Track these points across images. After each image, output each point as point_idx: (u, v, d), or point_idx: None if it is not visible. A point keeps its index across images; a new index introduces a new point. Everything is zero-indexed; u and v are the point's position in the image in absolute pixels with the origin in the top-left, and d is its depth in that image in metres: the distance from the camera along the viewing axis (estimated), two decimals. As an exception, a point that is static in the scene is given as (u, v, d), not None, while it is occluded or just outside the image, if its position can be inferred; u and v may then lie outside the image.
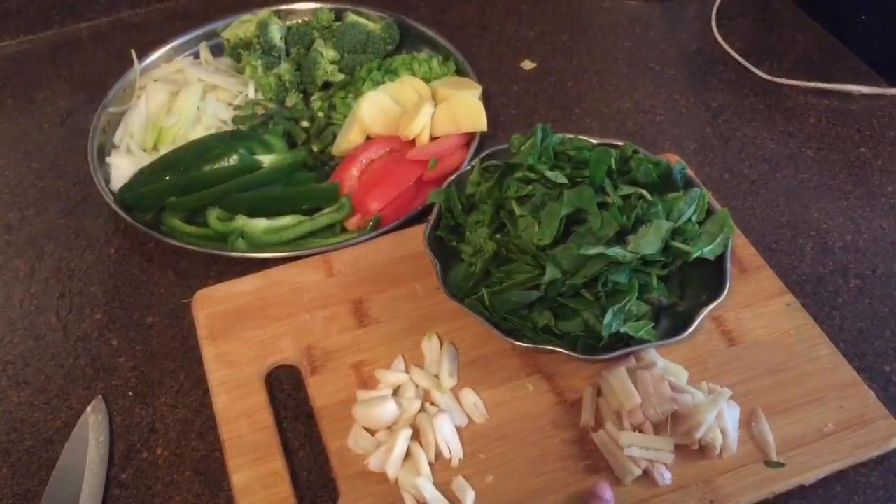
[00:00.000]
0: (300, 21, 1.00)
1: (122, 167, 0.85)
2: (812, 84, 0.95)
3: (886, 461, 0.63)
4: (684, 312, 0.65)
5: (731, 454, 0.61)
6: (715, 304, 0.64)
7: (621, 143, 0.71)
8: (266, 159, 0.83)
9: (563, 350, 0.62)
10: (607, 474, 0.61)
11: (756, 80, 0.97)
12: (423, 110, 0.84)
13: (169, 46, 0.98)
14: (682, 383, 0.64)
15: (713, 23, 1.04)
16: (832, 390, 0.65)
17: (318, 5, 1.02)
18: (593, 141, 0.73)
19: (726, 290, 0.64)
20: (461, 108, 0.85)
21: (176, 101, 0.90)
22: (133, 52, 0.97)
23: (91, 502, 0.62)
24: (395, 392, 0.65)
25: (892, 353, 0.70)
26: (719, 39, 1.02)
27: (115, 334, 0.74)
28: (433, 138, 0.85)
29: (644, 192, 0.66)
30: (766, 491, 0.60)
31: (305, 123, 0.90)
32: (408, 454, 0.62)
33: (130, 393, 0.70)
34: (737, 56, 0.99)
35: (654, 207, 0.65)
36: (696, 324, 0.62)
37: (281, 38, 0.96)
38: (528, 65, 1.00)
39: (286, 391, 0.68)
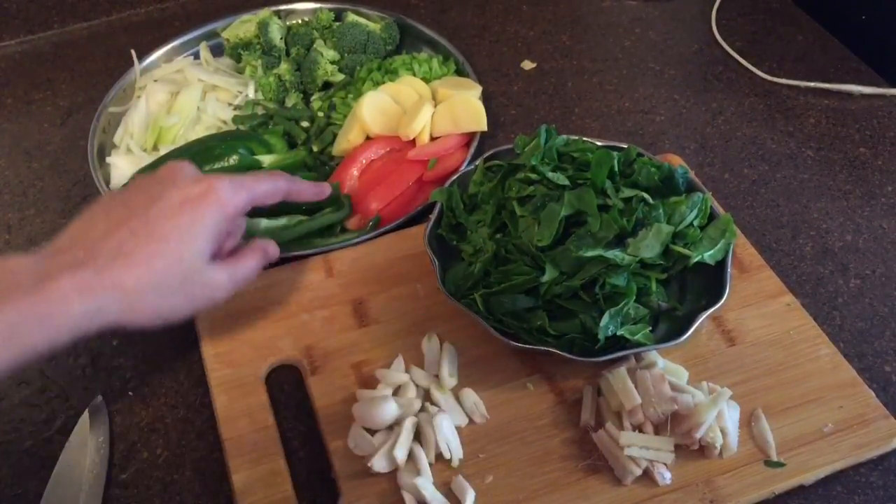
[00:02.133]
0: (300, 21, 1.01)
1: (122, 167, 0.85)
2: (812, 84, 0.95)
3: (886, 461, 0.63)
4: (683, 316, 0.65)
5: (731, 454, 0.61)
6: (712, 309, 0.64)
7: (625, 146, 0.71)
8: (266, 159, 0.83)
9: (558, 352, 0.62)
10: (607, 474, 0.61)
11: (756, 80, 0.97)
12: (423, 110, 0.84)
13: (169, 46, 0.98)
14: (683, 383, 0.64)
15: (713, 23, 1.04)
16: (832, 390, 0.65)
17: (318, 5, 1.02)
18: (598, 143, 0.73)
19: (725, 296, 0.65)
20: (461, 108, 0.85)
21: (176, 101, 0.90)
22: (133, 52, 0.97)
23: (91, 502, 0.62)
24: (396, 392, 0.65)
25: (892, 353, 0.70)
26: (719, 39, 1.02)
27: (115, 334, 0.74)
28: (433, 138, 0.85)
29: (645, 196, 0.66)
30: (766, 491, 0.60)
31: (305, 123, 0.90)
32: (408, 454, 0.62)
33: (130, 393, 0.70)
34: (737, 56, 0.99)
35: (656, 211, 0.65)
36: (692, 329, 0.63)
37: (281, 38, 0.96)
38: (528, 65, 1.00)
39: (286, 391, 0.68)
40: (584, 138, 0.73)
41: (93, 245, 0.55)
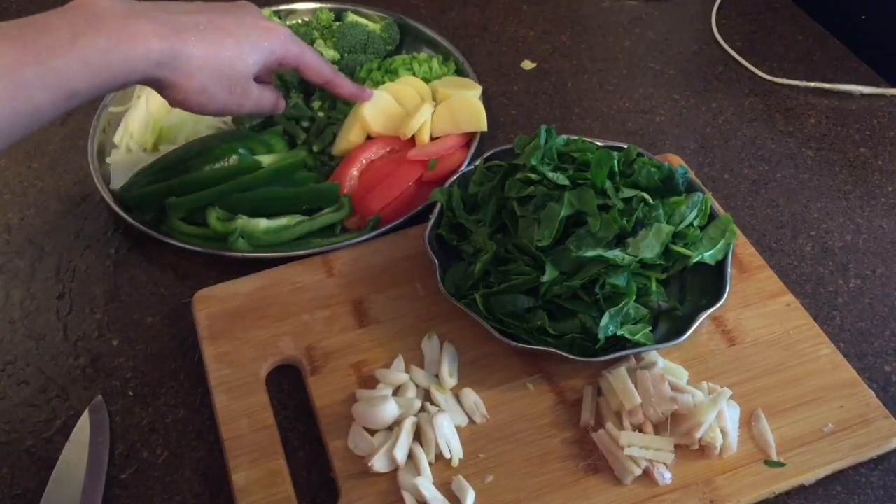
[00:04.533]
0: (300, 21, 1.01)
1: (122, 167, 0.85)
2: (812, 84, 0.95)
3: (886, 461, 0.63)
4: (683, 316, 0.65)
5: (731, 454, 0.61)
6: (712, 309, 0.64)
7: (625, 146, 0.71)
8: (266, 159, 0.83)
9: (558, 351, 0.62)
10: (607, 474, 0.61)
11: (756, 80, 0.97)
12: (423, 109, 0.84)
13: (169, 46, 0.98)
14: (682, 383, 0.64)
15: (713, 23, 1.04)
16: (832, 390, 0.65)
17: (318, 5, 1.02)
18: (598, 143, 0.73)
19: (725, 296, 0.65)
20: (461, 108, 0.85)
21: (176, 101, 0.90)
22: (133, 51, 0.97)
23: (91, 503, 0.62)
24: (396, 392, 0.65)
25: (892, 353, 0.70)
26: (719, 39, 1.02)
27: (115, 334, 0.74)
28: (433, 138, 0.85)
29: (645, 196, 0.66)
30: (766, 491, 0.60)
31: (305, 123, 0.90)
32: (408, 454, 0.62)
33: (130, 393, 0.70)
34: (737, 56, 0.99)
35: (655, 211, 0.65)
36: (692, 329, 0.63)
37: (281, 38, 0.96)
38: (528, 65, 1.00)
39: (286, 391, 0.68)
40: (584, 138, 0.73)
41: (174, 14, 0.63)
